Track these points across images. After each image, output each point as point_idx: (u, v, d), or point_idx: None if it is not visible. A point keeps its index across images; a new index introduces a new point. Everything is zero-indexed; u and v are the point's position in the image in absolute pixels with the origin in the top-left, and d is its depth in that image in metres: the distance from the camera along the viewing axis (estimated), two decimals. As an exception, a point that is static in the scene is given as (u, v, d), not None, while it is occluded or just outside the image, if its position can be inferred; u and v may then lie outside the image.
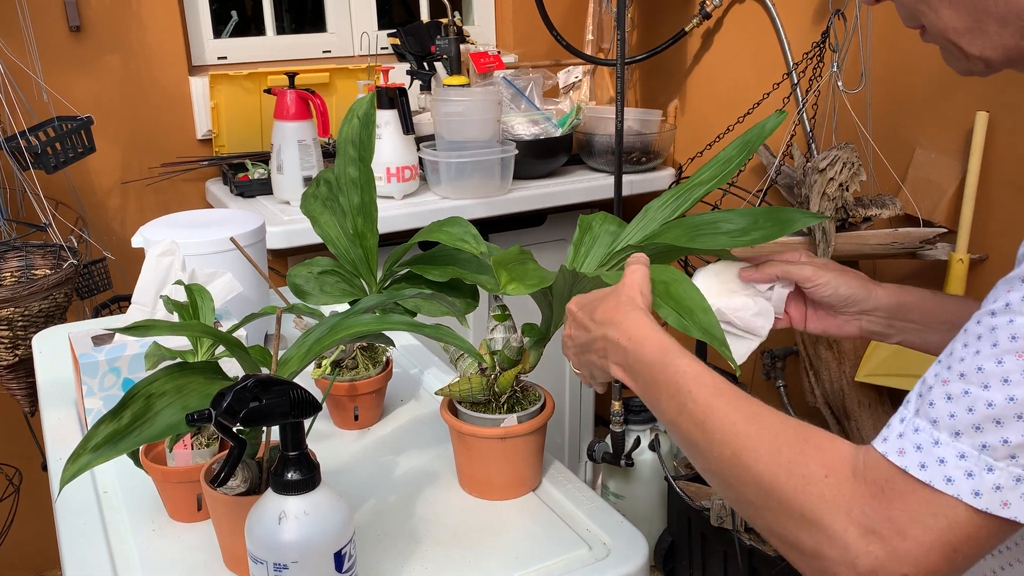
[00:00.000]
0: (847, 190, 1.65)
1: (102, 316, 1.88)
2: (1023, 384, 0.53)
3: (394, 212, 1.91)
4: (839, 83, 1.80)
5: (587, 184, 2.16)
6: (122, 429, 0.65)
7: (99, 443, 0.65)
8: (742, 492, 0.64)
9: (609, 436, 2.00)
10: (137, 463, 0.76)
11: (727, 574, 1.82)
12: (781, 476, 0.61)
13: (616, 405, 1.96)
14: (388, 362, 1.14)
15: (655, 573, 2.06)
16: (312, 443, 1.09)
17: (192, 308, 0.95)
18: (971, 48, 0.67)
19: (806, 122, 1.89)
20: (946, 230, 1.66)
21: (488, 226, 2.13)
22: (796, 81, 1.92)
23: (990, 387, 0.54)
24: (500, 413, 0.95)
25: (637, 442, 2.03)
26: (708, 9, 2.12)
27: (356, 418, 1.12)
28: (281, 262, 2.05)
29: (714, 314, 0.81)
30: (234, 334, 1.06)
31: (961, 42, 0.67)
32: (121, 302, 2.00)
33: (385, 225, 1.87)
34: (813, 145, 1.89)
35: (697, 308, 0.80)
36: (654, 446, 2.04)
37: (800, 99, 1.91)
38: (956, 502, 0.54)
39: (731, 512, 1.73)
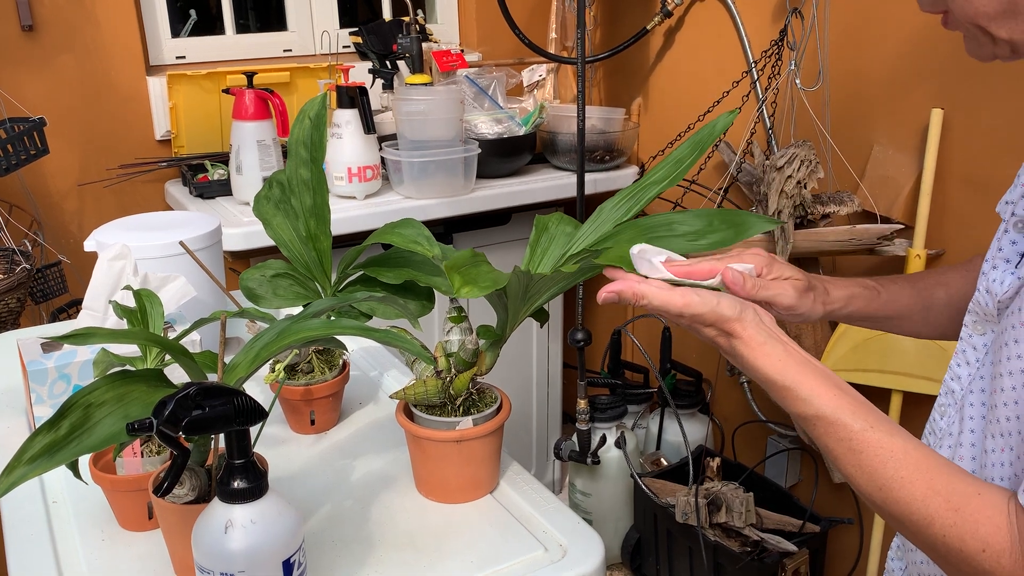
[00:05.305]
0: (805, 187, 1.67)
1: (60, 321, 1.85)
2: None
3: (356, 212, 1.89)
4: (797, 81, 1.82)
5: (551, 183, 2.16)
6: (59, 440, 0.64)
7: (35, 455, 0.63)
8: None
9: (576, 434, 2.00)
10: (76, 474, 0.75)
11: (692, 570, 1.83)
12: (939, 547, 0.65)
13: (582, 403, 1.96)
14: (345, 365, 1.13)
15: (622, 570, 2.06)
16: (267, 448, 1.08)
17: (141, 314, 0.93)
18: (999, 32, 0.67)
19: (766, 119, 1.90)
20: (903, 226, 1.68)
21: (452, 226, 2.12)
22: (756, 79, 1.93)
23: None
24: (456, 416, 0.94)
25: (603, 440, 2.03)
26: (669, 7, 2.12)
27: (312, 422, 1.11)
28: (243, 263, 2.02)
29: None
30: (188, 339, 1.04)
31: (990, 27, 0.68)
32: (79, 306, 1.96)
33: (347, 226, 1.86)
34: (773, 142, 1.91)
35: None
36: (620, 444, 2.05)
37: (760, 97, 1.92)
38: None
39: (696, 509, 1.74)
